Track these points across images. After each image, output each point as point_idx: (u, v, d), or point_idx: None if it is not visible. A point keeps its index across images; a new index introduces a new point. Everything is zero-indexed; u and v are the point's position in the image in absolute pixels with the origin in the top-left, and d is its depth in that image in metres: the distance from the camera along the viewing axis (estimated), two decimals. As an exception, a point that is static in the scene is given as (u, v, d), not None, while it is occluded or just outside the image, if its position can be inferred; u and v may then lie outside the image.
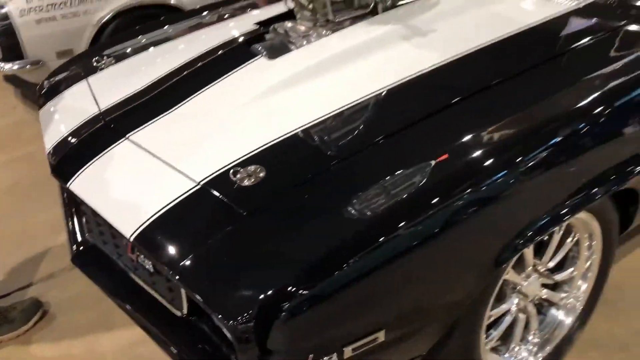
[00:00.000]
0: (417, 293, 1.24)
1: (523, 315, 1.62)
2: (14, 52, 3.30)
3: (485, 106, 1.43)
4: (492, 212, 1.26)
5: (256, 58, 1.75)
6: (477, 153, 1.27)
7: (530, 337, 1.68)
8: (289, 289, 1.09)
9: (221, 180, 1.33)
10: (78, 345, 2.02)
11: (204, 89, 1.67)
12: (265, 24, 2.00)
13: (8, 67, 3.35)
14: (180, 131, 1.56)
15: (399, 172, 1.24)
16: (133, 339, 2.01)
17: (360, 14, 1.88)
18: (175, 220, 1.30)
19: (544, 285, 1.64)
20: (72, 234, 1.79)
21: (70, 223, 1.82)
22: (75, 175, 1.54)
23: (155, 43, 2.16)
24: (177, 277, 1.19)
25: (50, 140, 1.75)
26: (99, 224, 1.64)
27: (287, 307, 1.08)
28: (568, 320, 1.72)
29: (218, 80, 1.69)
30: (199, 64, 1.81)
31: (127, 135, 1.59)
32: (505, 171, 1.25)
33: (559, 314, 1.72)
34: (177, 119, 1.61)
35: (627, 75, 1.50)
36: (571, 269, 1.67)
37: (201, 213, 1.30)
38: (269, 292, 1.09)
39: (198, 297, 1.15)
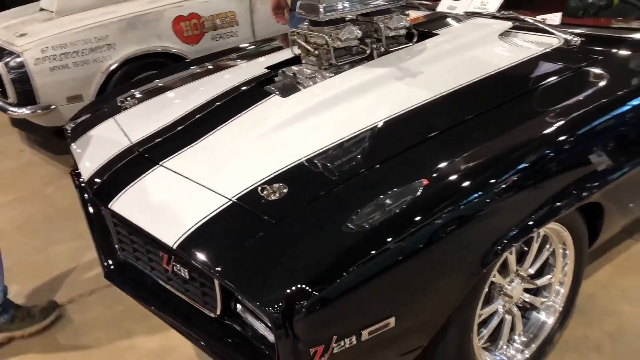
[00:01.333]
0: (416, 289, 1.46)
1: (509, 317, 1.85)
2: (27, 97, 3.52)
3: (464, 136, 1.69)
4: (474, 224, 1.49)
5: (270, 96, 2.01)
6: (457, 176, 1.52)
7: (516, 337, 1.90)
8: (316, 284, 1.31)
9: (250, 196, 1.56)
10: (103, 361, 2.19)
11: (226, 122, 1.92)
12: (274, 68, 2.27)
13: (21, 111, 3.57)
14: (208, 158, 1.79)
15: (393, 191, 1.49)
16: (154, 352, 2.19)
17: (358, 58, 2.16)
18: (212, 230, 1.52)
19: (527, 290, 1.88)
20: (103, 254, 1.98)
21: (100, 245, 2.02)
22: (116, 197, 1.76)
23: (173, 86, 2.42)
24: (219, 275, 1.40)
25: (87, 169, 1.96)
26: (133, 241, 1.84)
27: (314, 297, 1.30)
28: (549, 322, 1.95)
29: (238, 115, 1.94)
30: (219, 102, 2.06)
31: (160, 163, 1.82)
32: (481, 191, 1.50)
33: (541, 316, 1.95)
34: (204, 149, 1.84)
35: (586, 107, 1.79)
36: (549, 276, 1.91)
37: (235, 223, 1.52)
38: (298, 285, 1.31)
39: (239, 290, 1.36)
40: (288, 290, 1.30)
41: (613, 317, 2.16)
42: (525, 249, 1.82)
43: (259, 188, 1.57)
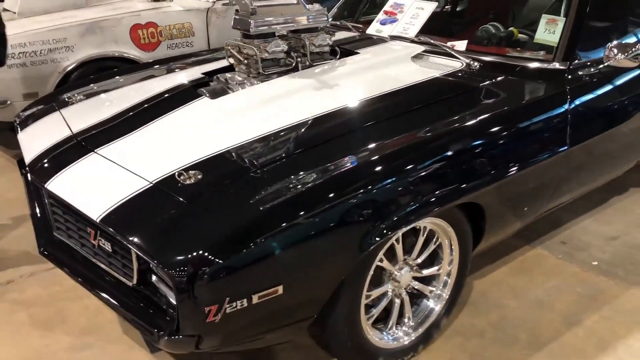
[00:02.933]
0: (302, 264, 1.69)
1: (398, 300, 2.11)
2: (-17, 92, 3.68)
3: (364, 138, 1.96)
4: (353, 212, 1.73)
5: (201, 98, 2.26)
6: (351, 169, 1.79)
7: (405, 320, 2.16)
8: (214, 252, 1.55)
9: (168, 180, 1.79)
10: (36, 337, 2.35)
11: (157, 118, 2.15)
12: (210, 74, 2.52)
13: (-24, 105, 3.72)
14: (137, 148, 2.02)
15: (298, 175, 1.74)
16: (84, 329, 2.38)
17: (284, 69, 2.43)
18: (133, 208, 1.74)
19: (415, 278, 2.14)
20: (39, 233, 2.18)
21: (38, 225, 2.21)
22: (52, 178, 1.97)
23: (117, 86, 2.64)
24: (134, 244, 1.63)
25: (30, 155, 2.16)
26: (67, 220, 2.04)
27: (212, 265, 1.53)
28: (436, 308, 2.21)
29: (170, 112, 2.18)
30: (156, 101, 2.30)
31: (95, 150, 2.04)
32: (366, 184, 1.76)
33: (429, 303, 2.21)
34: (135, 140, 2.07)
35: (473, 119, 2.08)
36: (437, 267, 2.18)
37: (153, 203, 1.75)
38: (200, 253, 1.54)
39: (148, 256, 1.59)
40: (187, 259, 1.54)
41: (499, 309, 2.44)
42: (415, 240, 2.09)
43: (177, 174, 1.81)
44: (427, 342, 2.21)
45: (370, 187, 1.77)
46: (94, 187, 1.89)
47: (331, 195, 1.71)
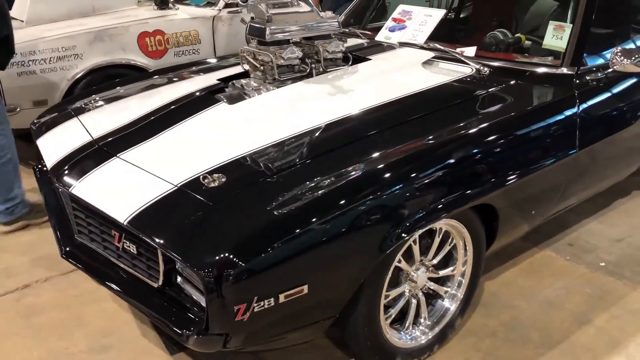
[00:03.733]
0: (325, 265, 1.74)
1: (415, 300, 2.15)
2: (-6, 99, 3.72)
3: (379, 142, 2.01)
4: (374, 215, 1.78)
5: (219, 103, 2.31)
6: (368, 173, 1.83)
7: (422, 320, 2.20)
8: (243, 253, 1.59)
9: (193, 183, 1.84)
10: (55, 340, 2.38)
11: (177, 123, 2.20)
12: (225, 80, 2.57)
13: (-14, 111, 3.75)
14: (159, 152, 2.06)
15: (319, 179, 1.79)
16: (102, 330, 2.41)
17: (299, 75, 2.48)
18: (158, 210, 1.78)
19: (432, 279, 2.19)
20: (61, 237, 2.21)
21: (59, 229, 2.25)
22: (77, 183, 2.01)
23: (133, 92, 2.69)
24: (162, 244, 1.67)
25: (52, 159, 2.20)
26: (89, 224, 2.08)
27: (241, 265, 1.57)
28: (451, 309, 2.25)
29: (189, 117, 2.22)
30: (174, 106, 2.34)
31: (117, 155, 2.08)
32: (385, 187, 1.80)
33: (444, 303, 2.25)
34: (157, 145, 2.11)
35: (485, 123, 2.14)
36: (452, 268, 2.23)
37: (178, 205, 1.79)
38: (230, 254, 1.58)
39: (177, 256, 1.63)
40: (217, 259, 1.58)
41: (510, 310, 2.49)
42: (431, 242, 2.13)
43: (201, 177, 1.85)
44: (442, 341, 2.25)
45: (390, 189, 1.82)
46: (119, 191, 1.92)
47: (352, 197, 1.76)
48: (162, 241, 1.68)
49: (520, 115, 2.26)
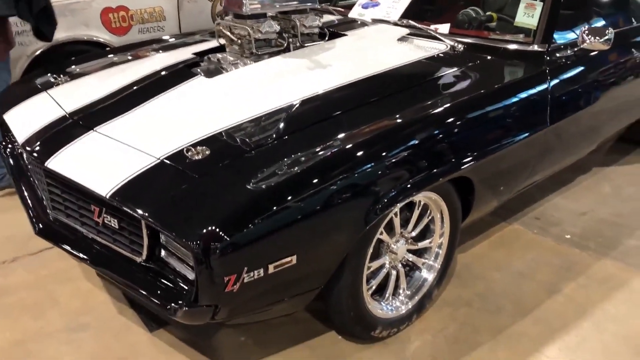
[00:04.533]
0: (313, 237, 1.75)
1: (394, 272, 2.19)
2: (-50, 75, 3.55)
3: (359, 117, 2.03)
4: (359, 188, 1.80)
5: (197, 77, 2.27)
6: (350, 147, 1.84)
7: (400, 291, 2.24)
8: (233, 223, 1.59)
9: (177, 156, 1.81)
10: (28, 320, 2.32)
11: (155, 97, 2.16)
12: (201, 55, 2.53)
13: (-58, 89, 3.59)
14: (139, 126, 2.03)
15: (297, 156, 1.79)
16: (77, 310, 2.36)
17: (276, 50, 2.47)
18: (142, 183, 1.76)
19: (410, 251, 2.23)
20: (33, 214, 2.15)
21: (31, 206, 2.19)
22: (52, 157, 1.95)
23: (105, 66, 2.62)
24: (148, 217, 1.64)
25: (23, 134, 2.13)
26: (65, 199, 2.03)
27: (231, 236, 1.57)
28: (429, 279, 2.30)
29: (167, 91, 2.19)
30: (150, 80, 2.30)
31: (94, 128, 2.03)
32: (368, 161, 1.82)
33: (422, 274, 2.30)
34: (135, 118, 2.07)
35: (461, 98, 2.18)
36: (429, 240, 2.27)
37: (162, 178, 1.76)
38: (219, 225, 1.57)
39: (165, 228, 1.61)
40: (207, 230, 1.57)
41: (483, 281, 2.56)
42: (410, 216, 2.17)
43: (185, 149, 1.83)
44: (420, 312, 2.31)
45: (372, 163, 1.83)
46: (99, 165, 1.88)
47: (334, 172, 1.77)
48: (148, 214, 1.66)
49: (496, 90, 2.31)
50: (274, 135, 1.90)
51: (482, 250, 2.79)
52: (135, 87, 2.27)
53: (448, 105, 2.12)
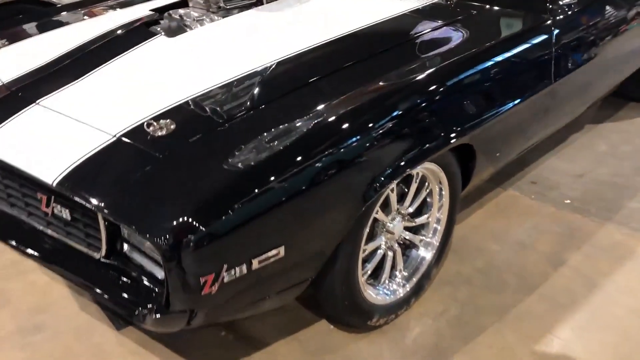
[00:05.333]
0: (303, 221, 1.51)
1: (391, 253, 1.96)
2: None
3: (345, 81, 1.75)
4: (354, 163, 1.56)
5: (156, 37, 1.96)
6: (338, 118, 1.58)
7: (397, 273, 2.02)
8: (206, 213, 1.32)
9: (136, 132, 1.53)
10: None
11: (110, 61, 1.84)
12: (160, 11, 2.20)
13: None
14: (90, 96, 1.72)
15: (277, 130, 1.52)
16: (32, 308, 2.08)
17: (247, 3, 2.15)
18: (96, 167, 1.47)
19: (406, 229, 2.00)
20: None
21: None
22: (-14, 138, 1.64)
23: (48, 28, 2.27)
24: (106, 210, 1.36)
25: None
26: (7, 186, 1.72)
27: (206, 228, 1.31)
28: (427, 257, 2.08)
29: (122, 54, 1.87)
30: (102, 42, 1.97)
31: (37, 101, 1.71)
32: (360, 132, 1.57)
33: (420, 253, 2.07)
34: (86, 87, 1.76)
35: (459, 55, 1.92)
36: (427, 215, 2.04)
37: (120, 159, 1.48)
38: (191, 216, 1.31)
39: (127, 224, 1.34)
40: (176, 223, 1.30)
41: (482, 254, 2.36)
42: (406, 190, 1.93)
43: (145, 124, 1.54)
44: (419, 294, 2.09)
45: (370, 132, 1.58)
46: (43, 145, 1.58)
47: (328, 143, 1.51)
48: (103, 204, 1.38)
49: (497, 44, 2.06)
50: (249, 104, 1.63)
51: (478, 220, 2.58)
52: (85, 51, 1.95)
53: (448, 62, 1.86)
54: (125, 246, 1.55)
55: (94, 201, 1.39)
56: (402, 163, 1.64)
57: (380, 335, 1.97)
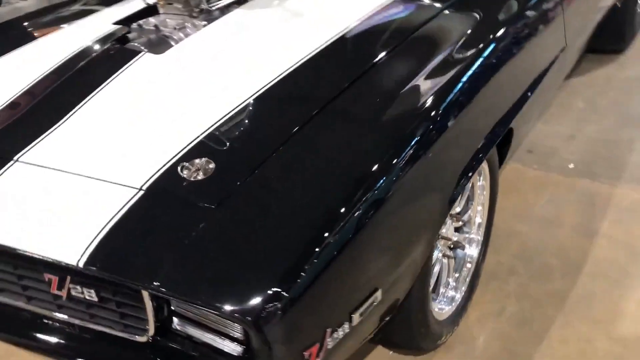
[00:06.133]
0: (393, 250, 1.28)
1: (445, 260, 1.76)
2: None
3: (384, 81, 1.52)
4: (435, 167, 1.36)
5: (141, 55, 1.61)
6: (407, 126, 1.34)
7: (450, 280, 1.83)
8: (292, 277, 1.05)
9: (169, 179, 1.22)
10: None
11: (94, 92, 1.48)
12: (126, 22, 1.83)
13: None
14: (85, 141, 1.37)
15: (338, 152, 1.28)
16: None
17: (231, 1, 1.84)
18: (129, 233, 1.15)
19: (455, 230, 1.81)
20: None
21: None
22: (-40, 215, 1.26)
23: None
24: (164, 290, 1.06)
25: None
26: (-3, 270, 1.35)
27: (290, 297, 1.03)
28: (474, 255, 1.89)
29: (107, 81, 1.51)
30: (74, 69, 1.59)
31: (14, 158, 1.34)
32: (437, 134, 1.35)
33: (466, 252, 1.89)
34: (74, 130, 1.41)
35: (494, 33, 1.72)
36: (470, 210, 1.85)
37: (159, 218, 1.17)
38: (276, 285, 1.03)
39: (203, 304, 1.04)
40: (265, 294, 1.02)
41: (514, 238, 2.21)
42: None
43: (178, 168, 1.23)
44: (471, 295, 1.91)
45: (443, 137, 1.35)
46: (45, 216, 1.23)
47: (401, 158, 1.27)
48: (160, 283, 1.07)
49: (515, 16, 1.87)
50: (288, 125, 1.34)
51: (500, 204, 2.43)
52: (57, 82, 1.56)
53: (481, 46, 1.65)
54: (175, 320, 1.25)
55: (143, 279, 1.08)
56: (478, 156, 1.45)
57: (447, 352, 1.78)
